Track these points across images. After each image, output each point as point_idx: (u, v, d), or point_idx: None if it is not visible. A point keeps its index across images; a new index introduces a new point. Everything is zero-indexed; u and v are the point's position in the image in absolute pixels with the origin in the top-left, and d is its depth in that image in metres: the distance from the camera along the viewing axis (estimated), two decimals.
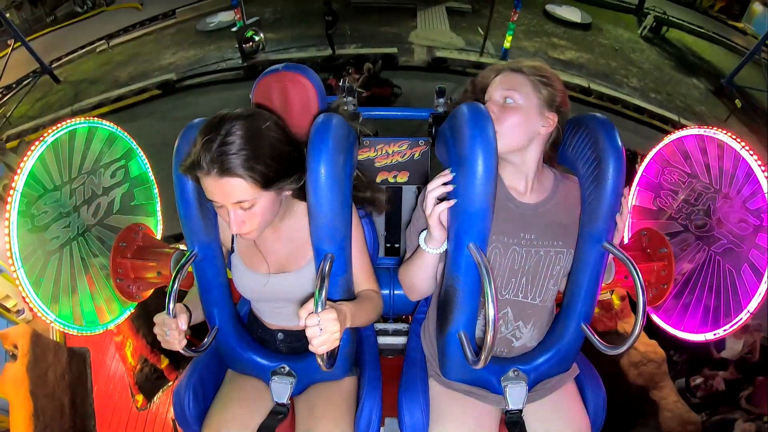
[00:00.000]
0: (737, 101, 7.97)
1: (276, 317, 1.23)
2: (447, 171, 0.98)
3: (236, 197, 0.90)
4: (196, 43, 9.52)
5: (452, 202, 0.96)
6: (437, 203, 0.98)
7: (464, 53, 8.77)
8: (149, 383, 2.26)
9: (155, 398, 2.23)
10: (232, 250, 1.17)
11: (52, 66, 8.63)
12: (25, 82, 8.01)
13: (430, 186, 0.99)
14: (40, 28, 11.05)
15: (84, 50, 9.66)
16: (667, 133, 1.46)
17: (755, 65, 8.50)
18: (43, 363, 1.13)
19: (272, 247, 1.13)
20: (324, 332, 0.88)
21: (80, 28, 10.75)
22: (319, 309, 0.87)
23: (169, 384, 2.30)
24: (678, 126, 6.34)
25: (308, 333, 0.88)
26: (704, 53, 10.04)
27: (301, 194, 1.05)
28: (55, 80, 8.42)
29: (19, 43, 7.84)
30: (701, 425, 2.30)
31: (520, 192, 1.11)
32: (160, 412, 2.23)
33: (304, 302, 0.89)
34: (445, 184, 0.98)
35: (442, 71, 8.23)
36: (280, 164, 0.92)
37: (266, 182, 0.91)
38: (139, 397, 2.17)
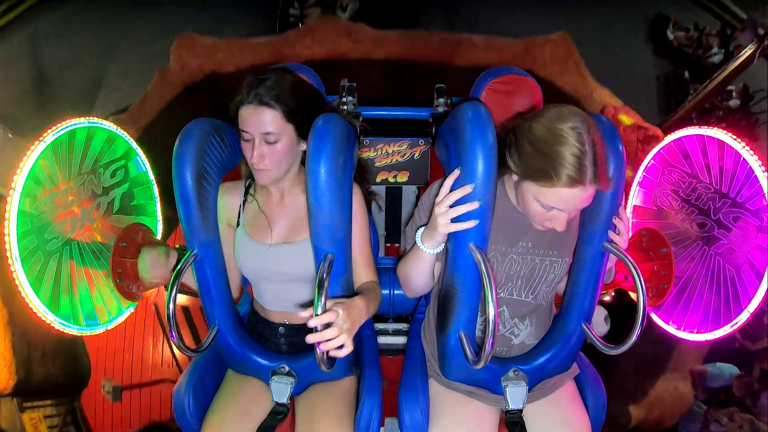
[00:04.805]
0: None
1: (277, 303, 1.23)
2: (457, 171, 0.95)
3: (266, 127, 1.04)
4: None
5: (475, 222, 0.94)
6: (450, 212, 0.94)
7: None
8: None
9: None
10: (238, 224, 1.20)
11: None
12: None
13: (443, 193, 0.95)
14: None
15: None
16: None
17: None
18: None
19: (278, 217, 1.18)
20: (334, 329, 0.89)
21: None
22: (319, 310, 0.87)
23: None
24: None
25: (311, 323, 0.88)
26: None
27: None
28: None
29: None
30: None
31: None
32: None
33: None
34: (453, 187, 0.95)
35: None
36: (303, 98, 1.09)
37: (291, 113, 1.05)
38: None
